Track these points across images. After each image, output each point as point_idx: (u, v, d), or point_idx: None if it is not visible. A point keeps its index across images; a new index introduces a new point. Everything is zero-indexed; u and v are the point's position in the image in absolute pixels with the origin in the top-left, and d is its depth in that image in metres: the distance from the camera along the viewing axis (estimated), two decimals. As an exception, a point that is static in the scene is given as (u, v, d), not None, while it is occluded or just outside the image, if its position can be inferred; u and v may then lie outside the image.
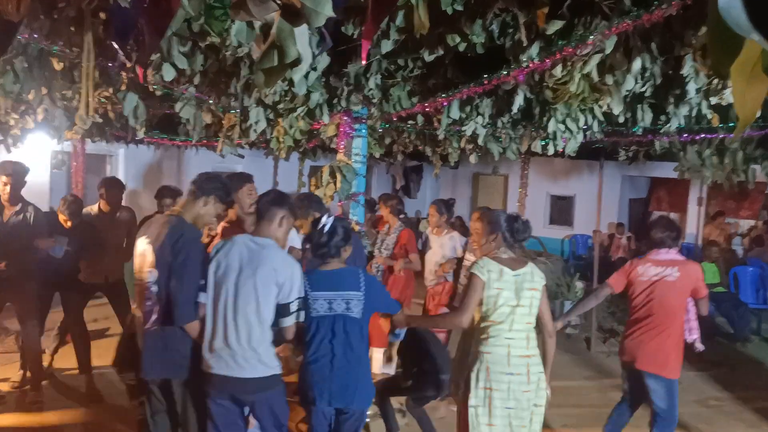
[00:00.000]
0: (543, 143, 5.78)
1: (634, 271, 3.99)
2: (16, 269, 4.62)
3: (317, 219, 3.22)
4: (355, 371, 3.06)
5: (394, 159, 10.43)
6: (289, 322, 2.96)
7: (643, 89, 3.87)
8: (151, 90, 4.43)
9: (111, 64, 4.00)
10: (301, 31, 1.28)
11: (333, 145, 5.97)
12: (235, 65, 3.80)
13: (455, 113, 4.96)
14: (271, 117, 4.75)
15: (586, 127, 4.68)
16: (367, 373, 3.18)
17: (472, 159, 7.54)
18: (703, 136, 5.85)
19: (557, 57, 3.33)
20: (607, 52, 3.27)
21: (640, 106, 4.57)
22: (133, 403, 3.49)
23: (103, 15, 3.22)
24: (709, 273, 8.04)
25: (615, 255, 11.62)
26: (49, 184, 8.66)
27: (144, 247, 3.09)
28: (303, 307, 3.02)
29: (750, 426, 5.14)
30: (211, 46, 3.24)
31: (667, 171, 10.09)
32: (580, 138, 4.81)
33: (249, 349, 2.90)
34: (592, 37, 3.05)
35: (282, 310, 2.94)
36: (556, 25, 2.99)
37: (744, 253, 10.81)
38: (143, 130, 5.26)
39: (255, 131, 4.75)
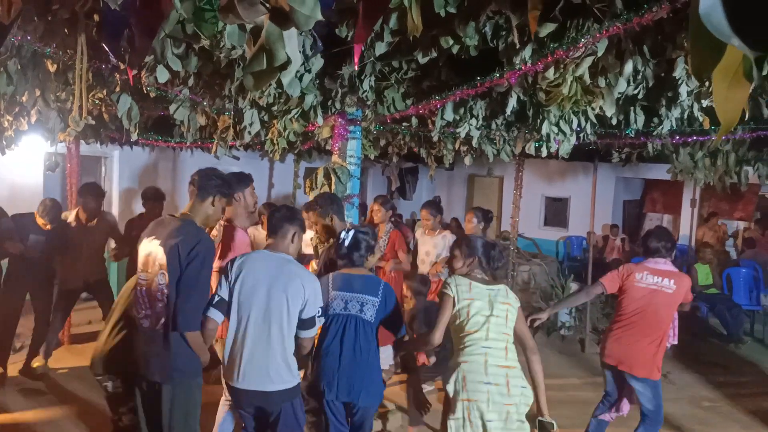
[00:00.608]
0: (537, 145, 5.79)
1: (631, 275, 4.03)
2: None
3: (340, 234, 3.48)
4: (361, 369, 3.21)
5: (390, 160, 10.43)
6: (311, 333, 3.08)
7: (635, 92, 3.89)
8: (145, 92, 4.42)
9: (105, 66, 4.00)
10: (290, 35, 1.29)
11: (328, 146, 5.97)
12: (229, 67, 3.80)
13: (449, 115, 4.99)
14: (265, 119, 4.75)
15: (579, 129, 4.69)
16: (375, 372, 3.29)
17: (467, 161, 7.55)
18: (695, 138, 5.87)
19: (549, 60, 3.34)
20: (599, 54, 3.29)
21: (632, 108, 4.59)
22: (118, 411, 3.42)
23: (96, 17, 3.21)
24: (703, 274, 8.08)
25: (609, 256, 11.66)
26: (43, 186, 8.63)
27: (152, 248, 3.03)
28: (322, 314, 3.18)
29: (744, 427, 5.17)
30: (205, 48, 3.23)
31: (660, 173, 10.14)
32: (573, 140, 4.82)
33: (281, 362, 2.99)
34: (583, 40, 3.06)
35: (307, 323, 3.05)
36: (548, 27, 2.99)
37: (738, 254, 10.87)
38: (137, 131, 5.25)
39: (249, 133, 4.74)
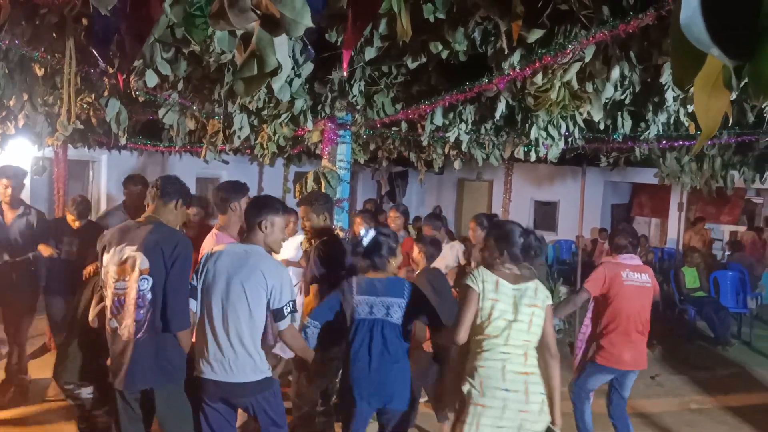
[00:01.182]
0: (525, 149, 5.83)
1: (616, 276, 4.00)
2: (17, 273, 4.67)
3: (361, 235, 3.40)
4: (392, 372, 3.16)
5: (380, 165, 10.47)
6: (283, 325, 3.01)
7: (622, 97, 3.93)
8: (134, 96, 4.41)
9: (93, 70, 3.98)
10: (281, 41, 1.30)
11: (318, 151, 5.98)
12: (219, 71, 3.80)
13: (439, 120, 5.01)
14: (255, 123, 4.75)
15: (567, 133, 4.73)
16: (405, 375, 3.23)
17: (457, 165, 7.59)
18: (681, 143, 5.94)
19: (538, 65, 3.38)
20: (587, 60, 3.32)
21: (620, 113, 4.64)
22: (92, 415, 3.40)
23: (85, 21, 3.21)
24: (690, 277, 8.15)
25: (598, 260, 11.71)
26: (30, 191, 8.56)
27: (128, 255, 2.98)
28: (296, 310, 3.09)
29: (731, 428, 5.21)
30: (195, 53, 3.23)
31: (648, 177, 10.23)
32: (561, 144, 4.86)
33: (242, 355, 2.94)
34: (571, 46, 3.09)
35: (277, 315, 2.98)
36: (536, 33, 3.03)
37: (727, 258, 10.96)
38: (126, 136, 5.24)
39: (239, 137, 4.74)
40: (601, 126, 4.68)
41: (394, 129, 6.34)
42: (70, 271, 4.76)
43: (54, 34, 3.50)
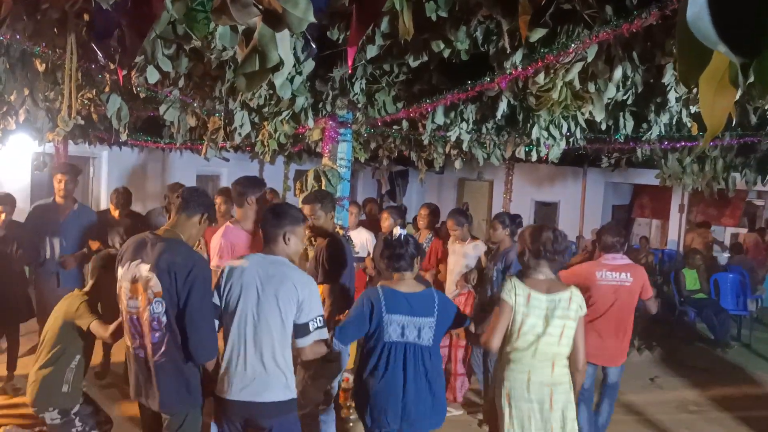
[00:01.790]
0: (527, 149, 5.82)
1: (591, 276, 4.11)
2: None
3: (390, 234, 3.24)
4: (426, 398, 3.03)
5: (380, 163, 10.45)
6: (306, 342, 2.84)
7: (624, 97, 3.92)
8: (135, 92, 4.40)
9: (94, 66, 3.97)
10: (283, 37, 1.29)
11: (318, 149, 5.97)
12: (220, 68, 3.79)
13: (440, 119, 5.00)
14: (256, 121, 4.74)
15: (568, 133, 4.73)
16: (439, 395, 3.11)
17: (457, 164, 7.57)
18: (683, 144, 5.93)
19: (540, 65, 3.37)
20: (589, 60, 3.31)
21: (621, 113, 4.63)
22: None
23: (86, 16, 3.20)
24: (690, 279, 8.15)
25: (598, 261, 11.71)
26: (30, 186, 8.56)
27: (141, 273, 2.77)
28: (324, 325, 2.91)
29: (730, 431, 5.21)
30: (196, 49, 3.23)
31: (649, 178, 10.21)
32: (562, 144, 4.86)
33: (273, 371, 2.77)
34: (573, 45, 3.08)
35: (301, 330, 2.82)
36: (538, 32, 3.01)
37: (728, 260, 10.94)
38: (126, 132, 5.23)
39: (240, 135, 4.73)
40: (603, 126, 4.67)
41: (395, 128, 6.33)
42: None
43: (55, 30, 3.50)
